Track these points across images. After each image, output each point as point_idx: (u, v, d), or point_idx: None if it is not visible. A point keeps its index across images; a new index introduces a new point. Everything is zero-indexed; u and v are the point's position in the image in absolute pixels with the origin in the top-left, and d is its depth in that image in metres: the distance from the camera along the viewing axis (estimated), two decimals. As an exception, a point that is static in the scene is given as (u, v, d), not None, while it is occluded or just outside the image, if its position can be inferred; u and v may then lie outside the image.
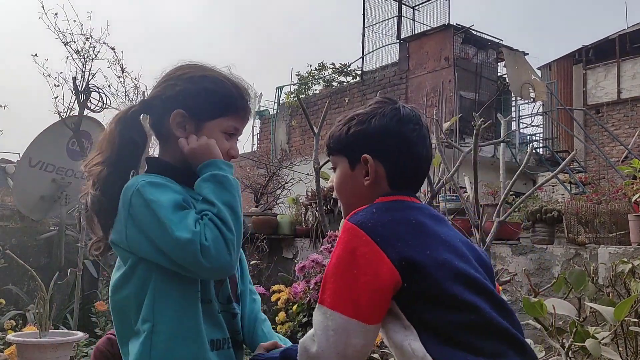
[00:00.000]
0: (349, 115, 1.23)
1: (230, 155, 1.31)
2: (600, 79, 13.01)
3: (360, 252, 1.02)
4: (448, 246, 1.08)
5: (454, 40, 10.71)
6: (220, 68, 1.33)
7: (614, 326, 2.00)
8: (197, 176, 1.25)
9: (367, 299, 1.01)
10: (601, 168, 10.99)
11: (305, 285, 3.52)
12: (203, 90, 1.27)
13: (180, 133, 1.26)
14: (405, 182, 1.19)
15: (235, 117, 1.30)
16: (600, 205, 4.31)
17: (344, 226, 1.08)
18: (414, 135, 1.19)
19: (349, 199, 1.21)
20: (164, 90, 1.29)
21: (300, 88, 13.88)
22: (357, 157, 1.18)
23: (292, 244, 6.07)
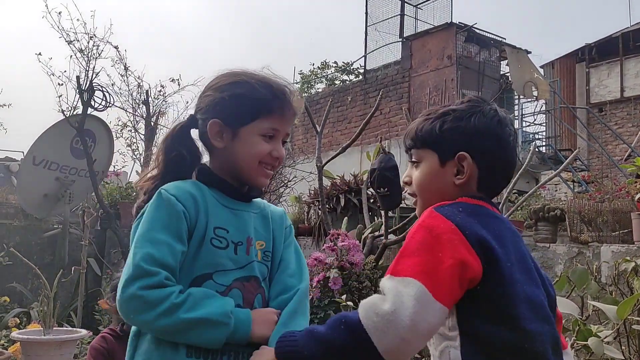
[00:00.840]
0: (441, 110, 1.18)
1: (274, 157, 1.30)
2: (603, 77, 12.98)
3: (448, 237, 0.99)
4: (522, 266, 1.05)
5: (457, 38, 10.70)
6: (253, 70, 1.32)
7: (617, 325, 2.00)
8: (242, 189, 1.30)
9: (449, 283, 0.96)
10: (604, 166, 10.96)
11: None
12: (232, 96, 1.27)
13: (217, 143, 1.28)
14: (492, 186, 1.16)
15: (270, 118, 1.28)
16: (603, 204, 4.30)
17: (428, 212, 1.05)
18: (511, 140, 1.15)
19: (431, 197, 1.15)
20: (201, 103, 1.32)
21: (302, 87, 13.88)
22: (451, 153, 1.13)
23: (295, 243, 6.06)
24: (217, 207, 1.26)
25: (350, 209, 5.50)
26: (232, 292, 1.21)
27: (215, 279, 1.20)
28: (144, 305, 1.10)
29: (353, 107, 12.02)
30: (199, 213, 1.23)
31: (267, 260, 1.31)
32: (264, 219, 1.34)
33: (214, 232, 1.23)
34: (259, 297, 1.26)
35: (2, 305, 5.22)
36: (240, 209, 1.30)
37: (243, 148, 1.27)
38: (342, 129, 12.05)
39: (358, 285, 3.44)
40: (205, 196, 1.26)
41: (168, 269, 1.14)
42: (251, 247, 1.27)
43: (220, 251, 1.22)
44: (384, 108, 11.06)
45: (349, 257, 3.50)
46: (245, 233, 1.27)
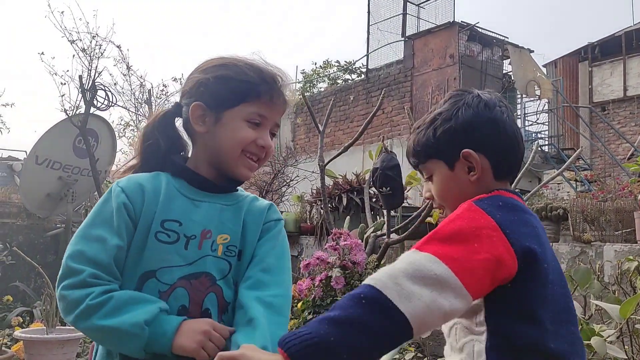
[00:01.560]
0: (428, 118, 1.16)
1: (259, 146, 1.20)
2: (606, 76, 12.95)
3: (487, 233, 0.95)
4: (554, 266, 1.03)
5: (459, 37, 10.68)
6: (244, 56, 1.24)
7: (620, 324, 2.00)
8: (214, 180, 1.20)
9: (481, 276, 0.92)
10: (607, 166, 10.94)
11: (310, 282, 3.53)
12: (218, 77, 1.18)
13: (199, 127, 1.19)
14: (508, 169, 1.13)
15: (257, 102, 1.18)
16: (606, 203, 4.30)
17: (468, 205, 1.01)
18: (505, 117, 1.12)
19: (456, 202, 1.10)
20: (185, 86, 1.24)
21: (305, 86, 13.88)
22: (455, 155, 1.10)
23: (297, 242, 6.08)
24: (175, 198, 1.17)
25: (353, 208, 5.50)
26: (177, 291, 1.11)
27: (159, 277, 1.11)
28: (67, 306, 1.06)
29: (355, 106, 12.01)
30: (145, 204, 1.14)
31: (231, 256, 1.18)
32: (236, 210, 1.22)
33: (162, 225, 1.14)
34: (211, 297, 1.14)
35: (5, 304, 5.24)
36: (204, 200, 1.20)
37: (225, 133, 1.18)
38: (345, 128, 12.04)
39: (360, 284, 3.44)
40: (163, 187, 1.18)
41: (97, 266, 1.06)
42: (206, 240, 1.16)
43: (167, 246, 1.13)
44: (386, 107, 11.05)
45: (351, 256, 3.50)
46: (202, 226, 1.16)
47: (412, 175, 4.30)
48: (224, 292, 1.16)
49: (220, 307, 1.15)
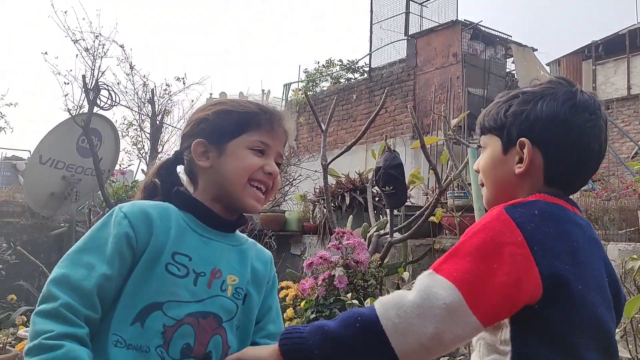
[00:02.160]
0: (512, 92, 1.08)
1: (266, 173, 1.19)
2: (609, 75, 12.91)
3: (510, 250, 0.88)
4: (597, 284, 0.95)
5: (462, 36, 10.66)
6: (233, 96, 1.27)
7: (624, 323, 1.99)
8: (224, 216, 1.19)
9: (496, 302, 0.86)
10: (611, 164, 10.90)
11: (313, 281, 3.53)
12: (217, 113, 1.20)
13: (204, 162, 1.18)
14: (565, 180, 1.03)
15: (258, 131, 1.19)
16: (609, 202, 4.29)
17: (497, 213, 0.93)
18: (588, 127, 1.01)
19: (494, 186, 1.07)
20: (185, 129, 1.25)
21: (307, 85, 13.87)
22: (513, 140, 1.03)
23: (300, 241, 6.08)
24: (185, 232, 1.14)
25: (356, 208, 5.50)
26: (183, 328, 1.06)
27: (165, 310, 1.05)
28: (30, 334, 0.99)
29: (358, 105, 12.00)
30: (154, 234, 1.10)
31: (238, 299, 1.16)
32: (241, 254, 1.21)
33: (173, 257, 1.10)
34: (216, 339, 1.10)
35: (9, 303, 5.25)
36: (213, 238, 1.17)
37: (231, 163, 1.17)
38: (347, 127, 12.04)
39: (363, 283, 3.44)
40: (172, 219, 1.14)
41: (77, 293, 1.00)
42: (216, 280, 1.13)
43: (177, 279, 1.08)
44: (389, 106, 11.04)
45: (354, 255, 3.50)
46: (212, 264, 1.14)
47: (414, 174, 4.29)
48: (227, 336, 1.12)
49: (224, 353, 1.11)
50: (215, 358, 1.09)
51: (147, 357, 1.03)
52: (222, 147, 1.17)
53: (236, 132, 1.18)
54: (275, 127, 1.21)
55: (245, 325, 1.17)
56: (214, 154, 1.18)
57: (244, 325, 1.17)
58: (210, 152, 1.18)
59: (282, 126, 1.23)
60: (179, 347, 1.05)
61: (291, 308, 3.88)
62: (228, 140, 1.17)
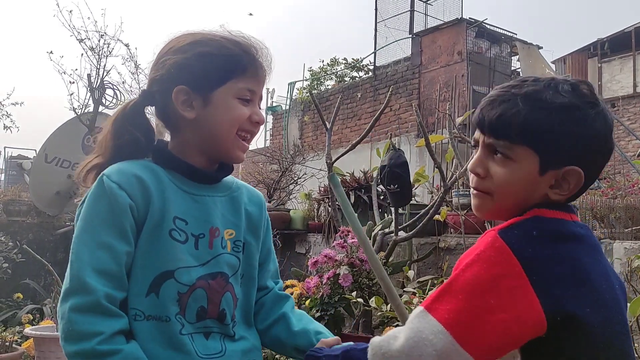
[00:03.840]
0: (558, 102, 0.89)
1: (254, 122, 1.13)
2: (615, 73, 12.85)
3: (507, 284, 0.81)
4: (605, 298, 0.87)
5: (467, 34, 10.63)
6: (211, 29, 1.15)
7: (630, 322, 1.99)
8: (209, 169, 1.14)
9: (494, 340, 0.81)
10: (616, 162, 10.85)
11: (318, 280, 3.53)
12: (198, 56, 1.09)
13: (188, 113, 1.09)
14: (578, 194, 0.95)
15: (245, 77, 1.11)
16: (615, 200, 4.27)
17: (492, 239, 0.85)
18: (611, 134, 0.94)
19: (512, 203, 0.93)
20: (158, 72, 1.12)
21: (312, 83, 13.87)
22: (558, 162, 0.89)
23: (305, 239, 6.08)
24: (176, 194, 1.08)
25: (360, 206, 5.49)
26: (196, 292, 1.05)
27: (177, 277, 1.04)
28: (70, 333, 0.95)
29: (363, 103, 11.99)
30: (152, 200, 1.04)
31: (238, 251, 1.14)
32: (233, 202, 1.17)
33: (174, 222, 1.06)
34: (227, 297, 1.11)
35: (16, 301, 5.28)
36: (202, 194, 1.12)
37: (219, 114, 1.09)
38: (352, 125, 12.03)
39: (368, 282, 3.44)
40: (161, 180, 1.08)
41: (110, 279, 0.98)
42: (215, 239, 1.10)
43: (181, 245, 1.05)
44: (394, 104, 11.02)
45: (359, 254, 3.50)
46: (208, 223, 1.10)
47: (419, 173, 4.29)
48: (235, 289, 1.13)
49: (234, 304, 1.13)
50: (228, 313, 1.11)
51: (168, 326, 1.03)
52: (208, 97, 1.09)
53: (222, 79, 1.09)
54: (259, 71, 1.13)
55: (248, 273, 1.17)
56: (199, 104, 1.09)
57: (248, 273, 1.17)
58: (194, 101, 1.09)
59: (263, 66, 1.14)
60: (194, 311, 1.06)
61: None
62: (214, 89, 1.09)
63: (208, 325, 1.08)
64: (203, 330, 1.07)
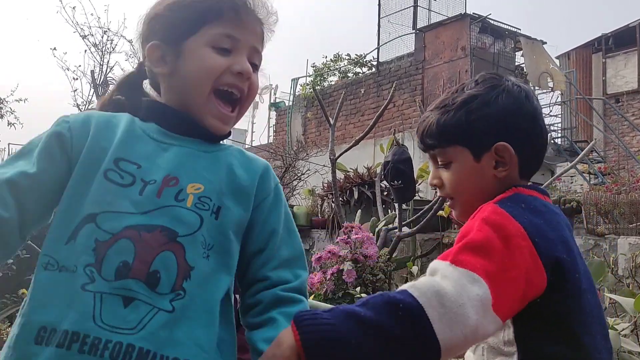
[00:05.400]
0: (459, 98, 1.02)
1: (235, 72, 0.98)
2: (620, 68, 12.79)
3: (516, 243, 0.86)
4: (585, 270, 0.95)
5: (471, 29, 10.59)
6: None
7: (634, 317, 1.98)
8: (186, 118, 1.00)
9: (511, 297, 0.84)
10: (621, 158, 10.82)
11: (322, 276, 3.54)
12: (171, 6, 1.00)
13: (162, 68, 1.00)
14: (533, 168, 1.04)
15: (221, 22, 0.98)
16: (620, 196, 4.26)
17: (492, 208, 0.91)
18: (539, 111, 1.03)
19: (471, 197, 1.00)
20: (138, 35, 1.05)
21: (315, 79, 13.85)
22: (485, 145, 0.98)
23: (309, 235, 6.08)
24: (138, 139, 0.97)
25: (364, 202, 5.50)
26: (120, 243, 0.87)
27: (99, 222, 0.88)
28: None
29: (366, 99, 11.98)
30: (92, 137, 0.95)
31: (204, 209, 0.94)
32: (214, 159, 1.00)
33: (116, 164, 0.93)
34: (165, 256, 0.88)
35: (20, 297, 5.30)
36: (175, 143, 0.98)
37: (191, 65, 0.97)
38: (355, 121, 12.02)
39: (372, 277, 3.44)
40: (124, 124, 0.98)
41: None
42: (169, 188, 0.93)
43: (116, 187, 0.91)
44: (397, 100, 11.01)
45: (362, 249, 3.50)
46: (165, 170, 0.94)
47: (423, 169, 4.28)
48: (186, 252, 0.90)
49: (181, 272, 0.89)
50: (166, 278, 0.87)
51: (72, 278, 0.86)
52: (179, 48, 0.98)
53: (193, 27, 0.98)
54: (242, 15, 0.99)
55: (222, 245, 0.95)
56: (171, 57, 0.99)
57: (221, 245, 0.94)
58: (167, 55, 0.99)
59: (253, 12, 1.01)
60: (114, 266, 0.86)
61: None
62: (185, 38, 0.98)
63: (130, 288, 0.85)
64: (122, 294, 0.85)
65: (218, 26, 0.97)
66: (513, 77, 1.05)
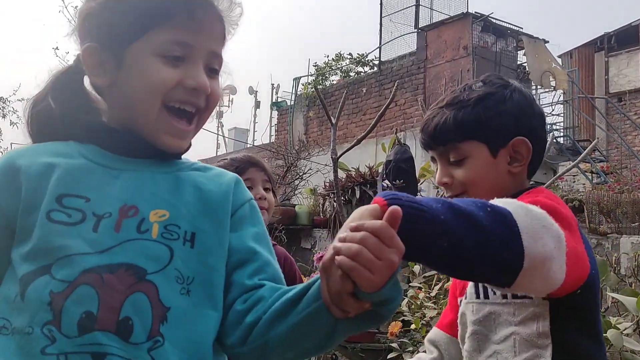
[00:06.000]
0: (474, 95, 1.02)
1: (188, 88, 0.82)
2: (622, 67, 12.77)
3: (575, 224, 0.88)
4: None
5: (473, 28, 10.58)
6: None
7: (637, 317, 1.98)
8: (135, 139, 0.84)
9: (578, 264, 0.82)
10: (623, 157, 10.80)
11: (323, 275, 3.53)
12: (103, 4, 0.82)
13: (101, 79, 0.85)
14: (537, 166, 1.05)
15: (171, 26, 0.81)
16: (622, 195, 4.26)
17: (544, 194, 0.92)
18: (542, 112, 1.08)
19: (486, 193, 0.96)
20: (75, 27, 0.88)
21: (317, 79, 13.85)
22: (502, 140, 1.00)
23: (310, 234, 6.09)
24: (83, 170, 0.82)
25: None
26: (79, 290, 0.74)
27: (54, 273, 0.74)
28: None
29: (368, 98, 11.97)
30: (23, 186, 0.80)
31: (172, 239, 0.80)
32: (176, 180, 0.85)
33: (58, 201, 0.79)
34: (136, 300, 0.75)
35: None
36: (125, 167, 0.84)
37: (134, 78, 0.82)
38: (357, 121, 12.01)
39: (374, 277, 3.44)
40: (64, 157, 0.83)
41: None
42: (127, 219, 0.79)
43: (64, 228, 0.77)
44: (399, 99, 11.00)
45: (364, 249, 3.50)
46: (120, 201, 0.80)
47: (425, 168, 4.28)
48: (159, 291, 0.76)
49: (156, 315, 0.75)
50: (139, 325, 0.75)
51: (28, 341, 0.72)
52: (120, 55, 0.82)
53: (136, 32, 0.81)
54: (197, 15, 0.82)
55: (204, 276, 0.81)
56: (111, 66, 0.83)
57: (202, 277, 0.81)
58: (106, 62, 0.83)
59: (211, 9, 0.84)
60: (75, 319, 0.73)
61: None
62: (127, 44, 0.81)
63: (99, 342, 0.72)
64: (90, 350, 0.72)
65: (167, 31, 0.81)
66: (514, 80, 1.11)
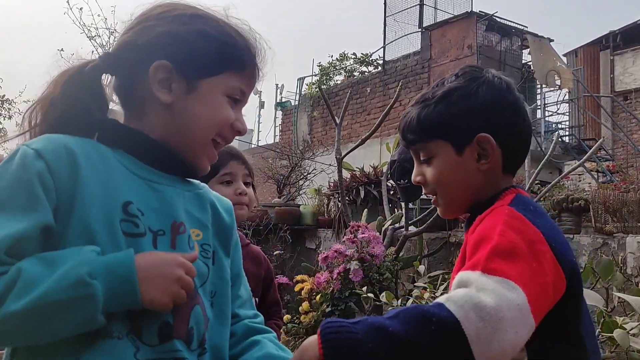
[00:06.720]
0: (439, 91, 1.00)
1: (235, 130, 0.93)
2: (628, 65, 12.70)
3: (539, 249, 0.84)
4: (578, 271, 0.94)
5: (477, 27, 10.56)
6: (216, 10, 0.95)
7: (643, 317, 1.97)
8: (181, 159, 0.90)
9: (544, 301, 0.82)
10: (629, 156, 10.74)
11: (328, 275, 3.54)
12: (197, 34, 0.89)
13: (164, 95, 0.88)
14: (517, 162, 1.01)
15: (241, 75, 0.92)
16: (628, 194, 4.23)
17: (509, 211, 0.88)
18: (521, 103, 1.00)
19: (456, 192, 0.99)
20: (137, 36, 0.90)
21: (321, 79, 13.85)
22: (467, 138, 0.96)
23: (315, 235, 6.08)
24: (126, 177, 0.84)
25: (370, 201, 5.49)
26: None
27: None
28: None
29: (372, 98, 11.96)
30: (82, 178, 0.79)
31: (207, 257, 0.90)
32: (199, 198, 0.94)
33: (125, 209, 0.81)
34: (196, 312, 0.84)
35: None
36: (162, 182, 0.88)
37: (202, 109, 0.88)
38: (361, 120, 12.01)
39: (379, 277, 3.44)
40: (105, 158, 0.84)
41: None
42: (180, 235, 0.85)
43: (139, 240, 0.80)
44: (404, 99, 10.98)
45: (369, 249, 3.50)
46: (170, 217, 0.85)
47: (430, 167, 4.27)
48: (206, 303, 0.87)
49: (205, 325, 0.86)
50: (196, 336, 0.84)
51: (119, 344, 0.76)
52: (194, 83, 0.88)
53: (216, 69, 0.89)
54: (255, 73, 0.95)
55: (222, 290, 0.92)
56: (180, 89, 0.88)
57: (221, 290, 0.92)
58: (175, 83, 0.88)
59: (260, 71, 0.96)
60: (154, 329, 0.79)
61: (307, 301, 3.89)
62: (203, 77, 0.89)
63: (176, 349, 0.81)
64: (170, 356, 0.80)
65: (236, 78, 0.91)
66: (494, 70, 1.04)
